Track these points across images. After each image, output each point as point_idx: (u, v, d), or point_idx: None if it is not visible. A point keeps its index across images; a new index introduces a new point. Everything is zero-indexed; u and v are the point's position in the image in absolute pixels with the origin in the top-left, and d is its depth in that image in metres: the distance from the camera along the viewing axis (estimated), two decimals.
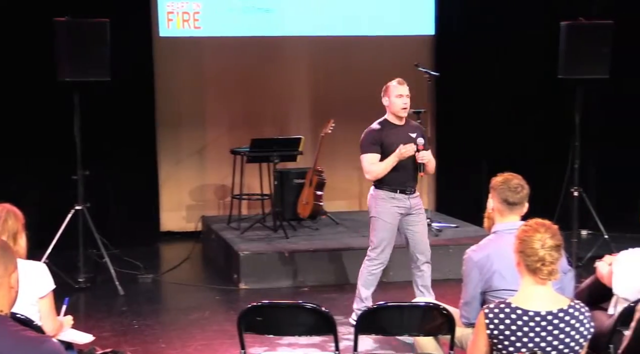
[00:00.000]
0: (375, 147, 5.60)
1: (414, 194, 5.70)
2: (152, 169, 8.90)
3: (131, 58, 8.33)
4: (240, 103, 9.12)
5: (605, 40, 7.28)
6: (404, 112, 5.65)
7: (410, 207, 5.66)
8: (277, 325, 3.93)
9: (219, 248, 7.87)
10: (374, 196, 5.68)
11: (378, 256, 5.71)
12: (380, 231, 5.66)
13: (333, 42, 9.15)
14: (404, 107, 5.63)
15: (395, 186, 5.61)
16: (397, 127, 5.66)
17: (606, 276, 3.91)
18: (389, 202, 5.62)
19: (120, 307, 6.49)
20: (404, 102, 5.63)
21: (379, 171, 5.60)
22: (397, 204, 5.62)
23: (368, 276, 5.74)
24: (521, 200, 3.88)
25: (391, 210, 5.62)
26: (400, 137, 5.60)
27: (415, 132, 5.69)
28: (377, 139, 5.61)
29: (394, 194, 5.61)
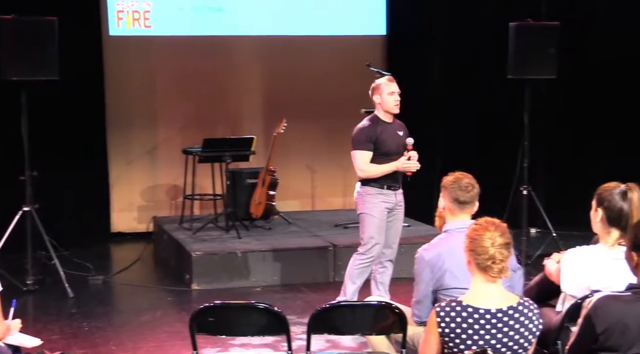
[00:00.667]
0: (369, 144, 5.64)
1: (399, 190, 5.78)
2: (103, 169, 8.80)
3: (80, 57, 8.23)
4: (192, 103, 9.06)
5: (552, 41, 7.40)
6: (397, 109, 5.72)
7: (396, 203, 5.74)
8: (229, 326, 3.91)
9: (170, 249, 7.81)
10: (362, 192, 5.73)
11: (367, 252, 5.73)
12: (369, 227, 5.70)
13: (285, 41, 9.14)
14: (397, 104, 5.70)
15: (383, 182, 5.67)
16: (387, 125, 5.72)
17: (554, 273, 3.97)
18: (376, 198, 5.68)
19: (70, 309, 6.40)
20: (395, 99, 5.69)
21: (374, 173, 5.66)
22: (385, 199, 5.69)
23: (354, 269, 5.76)
24: (472, 199, 3.93)
25: (379, 205, 5.68)
26: (391, 135, 5.68)
27: (401, 131, 5.78)
28: (372, 135, 5.65)
29: (382, 190, 5.68)
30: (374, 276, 5.89)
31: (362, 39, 9.31)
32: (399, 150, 5.69)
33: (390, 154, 5.67)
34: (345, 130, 9.25)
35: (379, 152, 5.66)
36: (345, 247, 7.20)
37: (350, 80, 9.13)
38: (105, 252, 8.50)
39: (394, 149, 5.69)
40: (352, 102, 8.82)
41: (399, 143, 5.70)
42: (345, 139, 9.29)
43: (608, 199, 3.80)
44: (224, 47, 9.07)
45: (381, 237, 5.73)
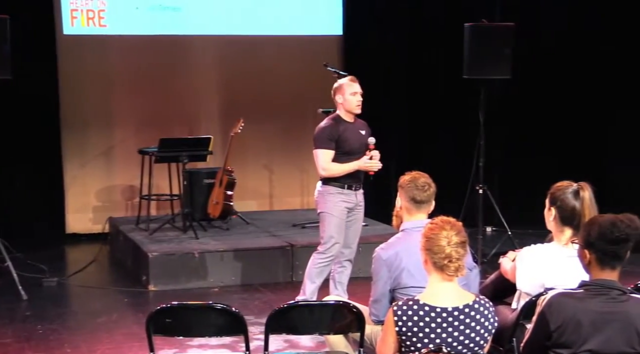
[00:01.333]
0: (331, 143, 5.67)
1: (359, 190, 5.80)
2: (57, 170, 8.68)
3: (34, 56, 8.13)
4: (148, 103, 8.99)
5: (507, 42, 7.49)
6: (358, 110, 5.74)
7: (356, 203, 5.77)
8: (187, 326, 3.89)
9: (127, 250, 7.74)
10: (323, 191, 5.74)
11: (326, 251, 5.75)
12: (329, 226, 5.72)
13: (242, 41, 9.11)
14: (359, 105, 5.72)
15: (344, 182, 5.70)
16: (349, 124, 5.73)
17: (509, 271, 4.02)
18: (337, 197, 5.69)
19: (24, 312, 6.30)
20: (358, 100, 5.72)
21: (336, 171, 5.68)
22: (345, 199, 5.71)
23: (314, 268, 5.78)
24: (428, 198, 3.97)
25: (339, 205, 5.70)
26: (353, 134, 5.70)
27: (364, 130, 5.80)
28: (334, 134, 5.67)
29: (342, 189, 5.70)
30: (332, 275, 5.91)
31: (319, 39, 9.32)
32: (361, 149, 5.71)
33: (352, 154, 5.70)
34: (302, 130, 9.34)
35: (341, 151, 5.69)
36: (303, 247, 7.20)
37: (307, 81, 9.15)
38: (60, 254, 8.39)
39: (356, 149, 5.71)
40: (310, 102, 8.86)
41: (361, 142, 5.72)
42: (302, 139, 9.38)
43: (561, 198, 3.86)
44: (181, 47, 9.01)
45: (341, 237, 5.75)
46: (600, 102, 8.95)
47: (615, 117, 8.89)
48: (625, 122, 8.81)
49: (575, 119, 9.23)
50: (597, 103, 8.98)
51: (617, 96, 8.80)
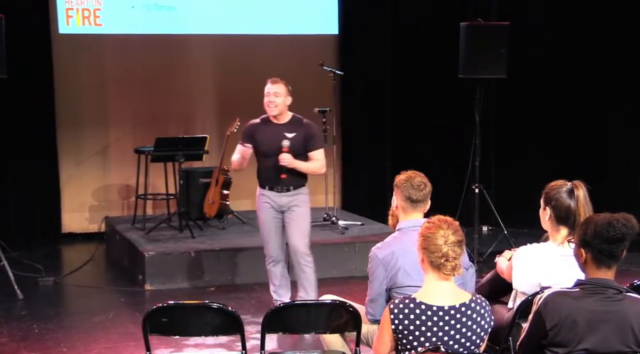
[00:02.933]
0: (245, 138, 5.80)
1: (287, 192, 5.73)
2: (53, 169, 8.66)
3: (29, 55, 8.12)
4: (144, 102, 8.98)
5: (502, 41, 7.49)
6: (271, 110, 5.71)
7: (282, 204, 5.75)
8: (183, 326, 3.89)
9: (123, 249, 7.74)
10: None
11: (265, 252, 5.88)
12: (260, 228, 5.88)
13: (238, 40, 9.11)
14: (269, 105, 5.71)
15: (264, 183, 5.77)
16: (273, 125, 5.73)
17: (506, 270, 4.03)
18: (261, 198, 5.80)
19: (20, 311, 6.29)
20: (268, 100, 5.71)
21: (233, 160, 5.92)
22: (267, 200, 5.76)
23: (268, 271, 5.89)
24: (424, 197, 3.97)
25: (263, 206, 5.78)
26: (272, 135, 5.67)
27: (294, 132, 5.70)
28: (250, 132, 5.77)
29: (264, 190, 5.77)
30: (297, 277, 5.90)
31: (315, 38, 9.32)
32: (274, 151, 5.67)
33: (268, 154, 5.71)
34: None
35: (259, 151, 5.76)
36: None
37: (303, 80, 9.10)
38: (56, 253, 8.38)
39: (269, 150, 5.68)
40: (306, 102, 8.83)
41: (275, 144, 5.65)
42: None
43: (555, 197, 3.87)
44: (176, 46, 9.01)
45: (270, 237, 5.80)
46: (596, 101, 8.96)
47: (610, 116, 8.90)
48: (620, 121, 8.82)
49: (571, 118, 9.23)
50: (593, 102, 8.99)
51: (613, 95, 8.81)
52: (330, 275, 7.10)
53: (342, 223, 7.84)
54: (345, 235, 7.62)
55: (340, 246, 7.33)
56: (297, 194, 5.77)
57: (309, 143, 5.72)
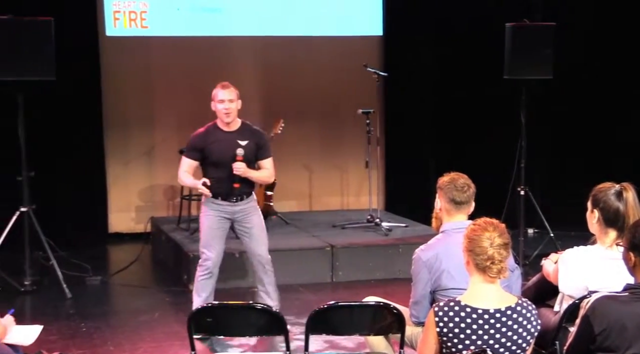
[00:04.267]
0: (194, 153, 5.55)
1: (241, 201, 5.59)
2: (100, 170, 8.79)
3: (77, 57, 8.23)
4: (188, 103, 9.04)
5: (547, 42, 7.41)
6: (227, 118, 5.52)
7: (234, 214, 5.59)
8: (227, 326, 3.92)
9: (168, 249, 7.81)
10: (202, 199, 5.67)
11: (203, 262, 5.62)
12: (201, 235, 5.65)
13: (282, 42, 9.14)
14: (226, 113, 5.51)
15: (218, 193, 5.53)
16: (224, 133, 5.54)
17: (552, 274, 3.98)
18: (210, 207, 5.57)
19: (68, 310, 6.40)
20: (224, 107, 5.51)
21: (184, 183, 5.78)
22: (218, 208, 5.56)
23: (196, 282, 5.67)
24: (468, 199, 3.94)
25: (212, 213, 5.57)
26: (224, 144, 5.50)
27: (246, 140, 5.53)
28: (199, 144, 5.54)
29: (215, 199, 5.55)
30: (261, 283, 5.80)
31: (359, 40, 9.31)
32: (228, 160, 5.48)
33: (219, 165, 5.50)
34: (342, 130, 9.35)
35: (209, 160, 5.54)
36: (343, 247, 7.22)
37: (347, 81, 9.15)
38: (103, 253, 8.49)
39: (220, 159, 5.51)
40: (349, 103, 8.87)
41: (229, 153, 5.48)
42: (342, 139, 9.39)
43: (603, 200, 3.81)
44: (221, 48, 9.07)
45: (212, 246, 5.58)
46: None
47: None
48: None
49: (618, 119, 9.10)
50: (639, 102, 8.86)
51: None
52: (373, 277, 7.09)
53: (386, 225, 7.82)
54: (388, 237, 7.60)
55: (383, 248, 7.32)
56: (249, 202, 5.64)
57: (260, 152, 5.60)
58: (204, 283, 5.61)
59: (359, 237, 7.58)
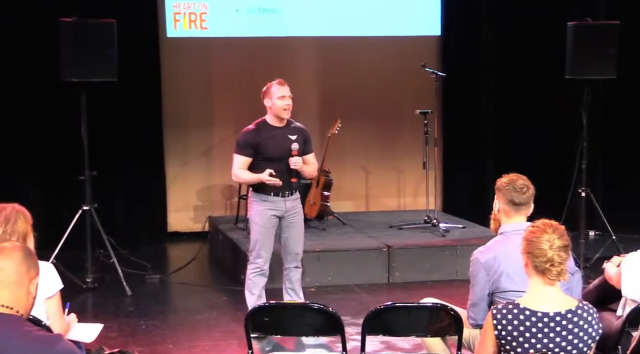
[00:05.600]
0: (247, 150, 5.53)
1: (291, 196, 5.60)
2: (159, 169, 8.90)
3: (138, 59, 8.35)
4: (247, 104, 9.07)
5: (611, 41, 7.27)
6: (286, 114, 5.57)
7: (286, 210, 5.58)
8: (284, 325, 3.93)
9: (226, 249, 7.88)
10: (249, 198, 5.66)
11: (254, 260, 5.63)
12: (253, 234, 5.63)
13: (339, 42, 9.15)
14: (286, 109, 5.55)
15: (270, 189, 5.52)
16: (275, 129, 5.56)
17: (614, 277, 3.91)
18: (261, 205, 5.55)
19: (128, 307, 6.50)
20: (286, 104, 5.55)
21: (243, 179, 5.71)
22: (271, 206, 5.54)
23: (247, 280, 5.69)
24: (527, 200, 3.88)
25: (264, 213, 5.55)
26: (277, 139, 5.52)
27: (295, 135, 5.57)
28: (252, 141, 5.53)
29: (268, 196, 5.53)
30: (283, 281, 5.79)
31: (417, 40, 9.26)
32: (284, 155, 5.50)
33: (273, 160, 5.51)
34: (399, 131, 9.32)
35: (261, 157, 5.52)
36: (400, 248, 7.19)
37: (405, 81, 9.12)
38: (162, 252, 8.61)
39: (277, 155, 5.51)
40: (407, 103, 8.84)
41: (284, 148, 5.50)
42: (399, 139, 9.36)
43: None
44: (279, 48, 9.12)
45: (266, 245, 5.59)
46: None
47: None
48: None
49: None
50: None
51: None
52: (431, 278, 7.05)
53: (443, 226, 7.76)
54: (446, 238, 7.54)
55: (441, 249, 7.26)
56: (297, 198, 5.67)
57: (306, 146, 5.63)
58: (256, 281, 5.65)
59: (415, 238, 7.54)
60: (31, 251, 2.78)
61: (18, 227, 3.56)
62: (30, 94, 8.17)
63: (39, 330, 2.64)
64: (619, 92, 8.80)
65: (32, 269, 2.68)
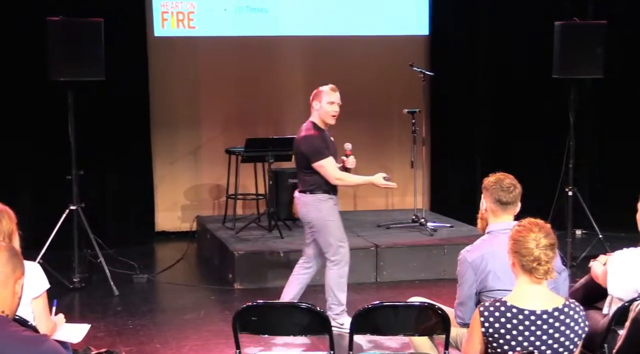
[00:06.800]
0: (329, 150, 5.59)
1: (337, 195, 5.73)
2: (147, 169, 8.88)
3: (126, 58, 8.33)
4: (235, 103, 9.12)
5: (599, 41, 7.30)
6: (333, 120, 5.64)
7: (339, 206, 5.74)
8: (272, 325, 3.93)
9: (214, 248, 7.87)
10: (312, 200, 5.61)
11: (343, 257, 5.68)
12: (334, 231, 5.65)
13: (328, 41, 9.15)
14: (335, 115, 5.62)
15: (329, 189, 5.62)
16: (325, 132, 5.67)
17: (601, 275, 3.92)
18: (328, 203, 5.62)
19: (115, 307, 6.48)
20: (334, 110, 5.61)
21: (352, 182, 5.73)
22: (335, 202, 5.68)
23: (339, 279, 5.70)
24: (514, 199, 3.89)
25: (334, 209, 5.66)
26: (332, 141, 5.67)
27: (331, 137, 5.72)
28: (325, 143, 5.60)
29: (329, 195, 5.63)
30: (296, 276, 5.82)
31: (405, 39, 9.28)
32: (337, 155, 5.65)
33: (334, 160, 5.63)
34: (388, 130, 9.33)
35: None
36: (387, 247, 7.19)
37: (393, 81, 9.13)
38: (150, 251, 8.59)
39: (335, 155, 5.64)
40: (395, 103, 8.85)
41: (335, 150, 5.67)
42: (388, 139, 9.37)
43: None
44: (267, 48, 9.11)
45: (346, 238, 5.71)
46: None
47: None
48: None
49: None
50: None
51: None
52: (418, 277, 7.06)
53: (431, 225, 7.77)
54: (433, 237, 7.55)
55: (428, 248, 7.28)
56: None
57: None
58: (346, 278, 5.70)
59: (403, 238, 7.55)
60: (17, 250, 2.77)
61: (3, 226, 3.55)
62: (18, 93, 8.13)
63: (25, 330, 2.62)
64: (606, 91, 8.84)
65: (18, 269, 2.67)
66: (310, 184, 5.61)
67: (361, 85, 9.23)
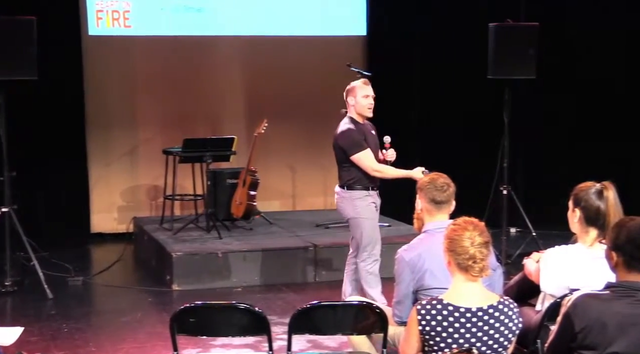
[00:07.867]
0: (367, 143, 5.65)
1: (378, 190, 5.78)
2: (82, 170, 8.75)
3: (59, 57, 8.19)
4: (172, 103, 9.03)
5: (531, 42, 7.45)
6: (370, 113, 5.71)
7: (378, 202, 5.77)
8: (210, 326, 3.90)
9: (151, 249, 7.79)
10: (349, 197, 5.66)
11: (370, 254, 5.69)
12: (366, 229, 5.67)
13: (266, 42, 9.14)
14: (370, 108, 5.70)
15: (368, 184, 5.66)
16: (364, 126, 5.73)
17: (534, 273, 3.99)
18: (364, 200, 5.66)
19: (49, 310, 6.36)
20: (370, 103, 5.69)
21: (391, 174, 5.72)
22: (372, 200, 5.70)
23: (367, 275, 5.71)
24: (448, 198, 3.96)
25: (370, 206, 5.68)
26: (371, 134, 5.74)
27: (374, 130, 5.80)
28: (362, 137, 5.65)
29: (368, 191, 5.67)
30: (348, 274, 5.86)
31: (343, 39, 9.32)
32: (376, 149, 5.73)
33: (372, 154, 5.70)
34: (325, 130, 9.27)
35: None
36: (326, 247, 7.22)
37: (331, 81, 9.11)
38: (85, 253, 8.46)
39: (374, 148, 5.73)
40: (333, 103, 8.83)
41: (375, 143, 5.76)
42: (325, 139, 9.28)
43: (585, 199, 3.83)
44: (204, 47, 9.06)
45: (379, 236, 5.74)
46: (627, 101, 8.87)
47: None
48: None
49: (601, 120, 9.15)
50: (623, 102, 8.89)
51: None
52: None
53: None
54: None
55: None
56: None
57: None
58: (375, 274, 5.66)
59: (342, 237, 7.55)
60: None
61: None
62: None
63: None
64: (539, 92, 9.02)
65: None
66: (348, 178, 5.66)
67: (299, 85, 9.25)
